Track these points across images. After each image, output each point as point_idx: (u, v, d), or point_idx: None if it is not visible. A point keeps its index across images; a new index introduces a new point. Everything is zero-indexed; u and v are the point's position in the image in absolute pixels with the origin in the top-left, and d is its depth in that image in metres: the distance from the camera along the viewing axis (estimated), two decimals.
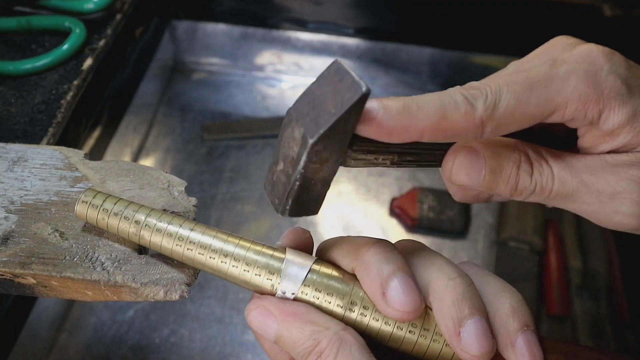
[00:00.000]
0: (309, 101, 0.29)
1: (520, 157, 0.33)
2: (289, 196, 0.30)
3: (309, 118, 0.28)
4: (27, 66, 0.56)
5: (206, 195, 0.85)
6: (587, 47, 0.32)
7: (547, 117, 0.31)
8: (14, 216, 0.37)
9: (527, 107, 0.30)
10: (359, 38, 0.93)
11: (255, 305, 0.32)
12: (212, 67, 1.00)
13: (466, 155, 0.32)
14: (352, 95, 0.27)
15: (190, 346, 0.71)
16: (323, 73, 0.29)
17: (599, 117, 0.31)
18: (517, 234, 0.78)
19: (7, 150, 0.41)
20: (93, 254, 0.35)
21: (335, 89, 0.28)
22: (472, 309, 0.30)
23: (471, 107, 0.29)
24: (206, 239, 0.33)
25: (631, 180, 0.31)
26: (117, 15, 0.63)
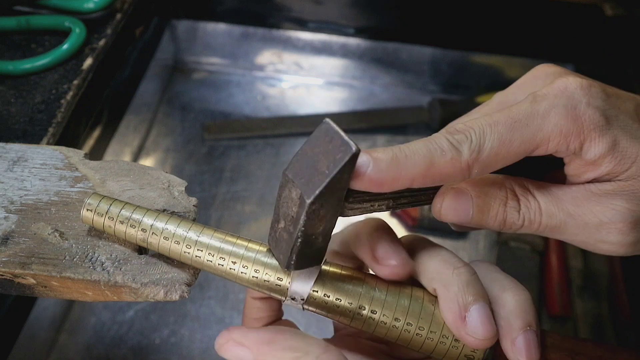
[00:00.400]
0: (303, 162, 0.30)
1: (507, 194, 0.34)
2: (292, 252, 0.31)
3: (304, 179, 0.30)
4: (27, 66, 0.56)
5: (206, 195, 0.85)
6: (565, 81, 0.33)
7: (532, 152, 0.32)
8: (14, 216, 0.37)
9: (511, 146, 0.31)
10: (360, 37, 0.93)
11: (225, 339, 0.32)
12: (213, 66, 1.00)
13: (453, 196, 0.34)
14: (343, 156, 0.28)
15: (191, 347, 0.71)
16: (314, 134, 0.31)
17: (581, 148, 0.32)
18: (518, 234, 0.78)
19: (7, 150, 0.41)
20: (93, 254, 0.35)
21: (327, 150, 0.29)
22: (477, 295, 0.32)
23: (457, 153, 0.31)
24: (214, 242, 0.33)
25: (616, 211, 0.32)
26: (117, 14, 0.63)
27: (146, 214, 0.34)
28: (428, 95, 0.96)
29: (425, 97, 0.95)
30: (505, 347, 0.32)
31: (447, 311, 0.32)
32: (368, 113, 0.93)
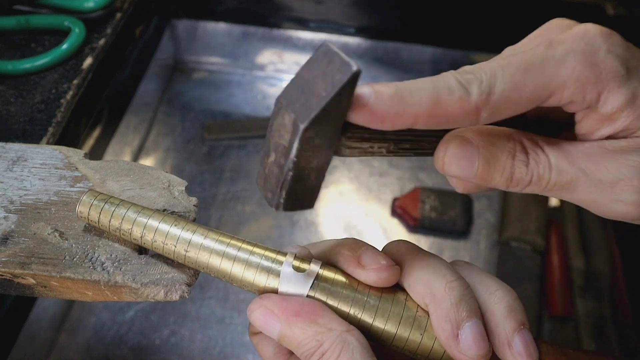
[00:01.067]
0: (298, 86, 0.28)
1: (515, 146, 0.31)
2: (282, 188, 0.29)
3: (299, 103, 0.27)
4: (27, 65, 0.56)
5: (207, 195, 0.85)
6: (584, 26, 0.30)
7: (545, 100, 0.30)
8: (14, 216, 0.37)
9: (524, 91, 0.29)
10: (360, 37, 0.93)
11: (258, 305, 0.32)
12: (213, 66, 1.00)
13: (458, 145, 0.31)
14: (343, 76, 0.26)
15: (191, 347, 0.71)
16: (312, 57, 0.28)
17: (598, 99, 0.30)
18: (519, 234, 0.78)
19: (7, 150, 0.41)
20: (93, 254, 0.35)
21: (325, 72, 0.27)
22: (470, 312, 0.30)
23: (465, 93, 0.28)
24: (208, 242, 0.33)
25: (632, 167, 0.30)
26: (117, 14, 0.63)
27: (141, 212, 0.34)
28: None
29: None
30: (503, 352, 0.31)
31: (439, 329, 0.31)
32: None
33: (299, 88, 0.28)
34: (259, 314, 0.31)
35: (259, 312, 0.31)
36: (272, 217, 0.83)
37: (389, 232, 0.83)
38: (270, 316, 0.31)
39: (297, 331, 0.30)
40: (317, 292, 0.32)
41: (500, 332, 0.31)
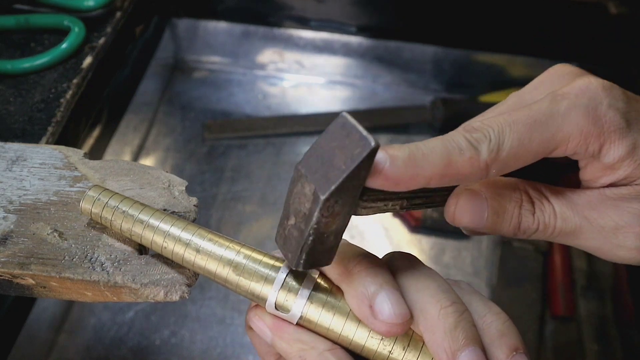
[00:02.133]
0: (317, 157, 0.29)
1: (521, 196, 0.33)
2: (302, 251, 0.30)
3: (319, 174, 0.29)
4: (26, 65, 0.56)
5: (207, 194, 0.85)
6: (586, 80, 0.32)
7: (550, 152, 0.31)
8: (13, 216, 0.37)
9: (530, 146, 0.31)
10: (362, 36, 0.93)
11: (253, 313, 0.34)
12: (213, 65, 1.00)
13: (468, 198, 0.33)
14: (362, 151, 0.27)
15: (191, 348, 0.71)
16: (330, 127, 0.29)
17: (600, 150, 0.31)
18: None
19: (6, 150, 0.41)
20: (93, 254, 0.35)
21: (344, 144, 0.28)
22: (467, 339, 0.30)
23: (476, 152, 0.30)
24: (207, 245, 0.33)
25: (633, 214, 0.32)
26: (117, 13, 0.63)
27: (143, 210, 0.34)
28: (430, 95, 0.95)
29: (428, 96, 0.95)
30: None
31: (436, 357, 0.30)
32: (370, 112, 0.93)
33: (318, 158, 0.29)
34: (255, 321, 0.33)
35: (255, 319, 0.33)
36: (272, 217, 0.83)
37: (390, 232, 0.83)
38: (263, 326, 0.33)
39: (284, 344, 0.32)
40: (313, 303, 0.32)
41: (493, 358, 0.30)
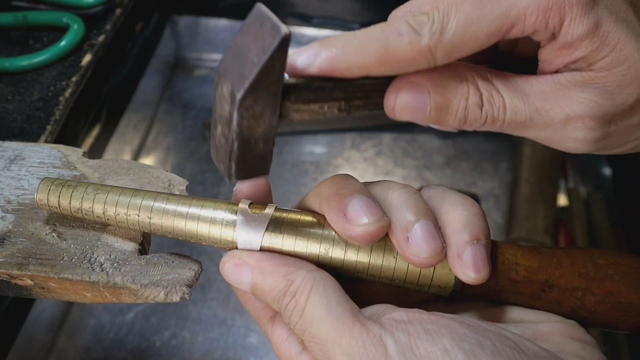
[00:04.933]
0: (233, 54, 0.28)
1: (468, 88, 0.31)
2: (231, 159, 0.29)
3: (235, 72, 0.27)
4: (24, 62, 0.55)
5: (208, 194, 0.85)
6: None
7: (506, 32, 0.29)
8: (11, 216, 0.37)
9: (480, 26, 0.29)
10: None
11: (229, 257, 0.32)
12: (214, 63, 1.00)
13: (409, 91, 0.31)
14: (273, 40, 0.26)
15: (192, 349, 0.71)
16: (245, 21, 0.28)
17: (561, 27, 0.29)
18: (527, 234, 0.77)
19: (4, 149, 0.41)
20: (92, 255, 0.35)
21: (257, 37, 0.27)
22: (417, 214, 0.30)
23: (416, 36, 0.28)
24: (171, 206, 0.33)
25: (583, 104, 0.30)
26: (117, 10, 0.62)
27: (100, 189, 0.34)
28: None
29: None
30: (453, 264, 0.30)
31: (392, 237, 0.31)
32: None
33: (234, 56, 0.28)
34: (230, 265, 0.32)
35: (230, 263, 0.32)
36: None
37: None
38: (241, 266, 0.31)
39: (268, 275, 0.31)
40: (285, 232, 0.32)
41: (453, 244, 0.30)
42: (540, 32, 0.30)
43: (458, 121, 0.31)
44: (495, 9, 0.29)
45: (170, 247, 0.41)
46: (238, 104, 0.27)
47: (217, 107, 0.29)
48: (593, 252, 0.33)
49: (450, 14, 0.29)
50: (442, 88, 0.31)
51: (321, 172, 0.87)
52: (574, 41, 0.29)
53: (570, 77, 0.31)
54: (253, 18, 0.28)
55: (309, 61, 0.29)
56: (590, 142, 0.31)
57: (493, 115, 0.31)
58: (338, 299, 0.29)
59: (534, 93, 0.31)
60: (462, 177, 0.87)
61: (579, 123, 0.30)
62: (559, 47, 0.30)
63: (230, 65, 0.28)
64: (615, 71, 0.30)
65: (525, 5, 0.29)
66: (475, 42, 0.29)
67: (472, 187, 0.86)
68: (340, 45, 0.29)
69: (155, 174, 0.39)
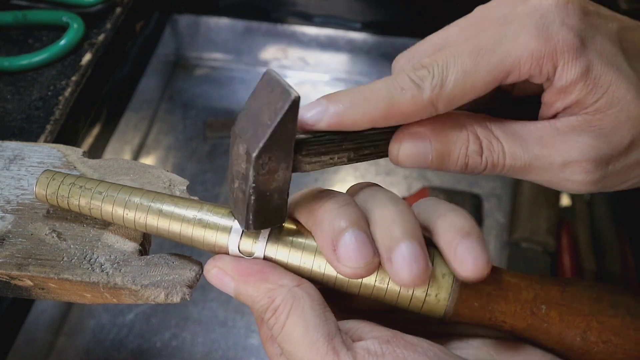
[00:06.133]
0: (247, 116, 0.30)
1: (468, 137, 0.32)
2: (248, 211, 0.31)
3: (249, 133, 0.30)
4: (24, 62, 0.55)
5: (209, 194, 0.85)
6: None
7: (503, 79, 0.31)
8: (10, 216, 0.37)
9: (478, 76, 0.30)
10: (367, 32, 0.93)
11: (212, 265, 0.33)
12: (215, 62, 1.00)
13: (411, 141, 0.32)
14: (284, 104, 0.28)
15: (193, 350, 0.71)
16: (257, 86, 0.30)
17: (554, 72, 0.31)
18: (529, 235, 0.77)
19: (3, 148, 0.41)
20: (92, 255, 0.35)
21: (269, 101, 0.29)
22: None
23: (418, 90, 0.30)
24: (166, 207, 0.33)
25: (581, 149, 0.31)
26: (117, 8, 0.62)
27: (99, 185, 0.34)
28: None
29: None
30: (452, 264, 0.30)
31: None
32: None
33: (248, 118, 0.30)
34: (214, 273, 0.32)
35: (214, 271, 0.32)
36: None
37: None
38: (224, 275, 0.32)
39: (250, 289, 0.31)
40: (280, 244, 0.32)
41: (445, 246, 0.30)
42: (536, 77, 0.31)
43: (459, 167, 0.33)
44: (491, 59, 0.30)
45: (170, 248, 0.41)
46: (254, 161, 0.29)
47: (233, 164, 0.31)
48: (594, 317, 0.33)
49: (449, 67, 0.30)
50: (443, 137, 0.32)
51: (322, 172, 0.87)
52: (568, 85, 0.31)
53: (566, 122, 0.32)
54: (264, 82, 0.30)
55: (318, 117, 0.31)
56: (589, 184, 0.32)
57: (493, 161, 0.32)
58: (316, 322, 0.30)
59: (532, 139, 0.32)
60: (464, 177, 0.87)
61: (577, 167, 0.32)
62: (556, 92, 0.32)
63: (244, 127, 0.30)
64: (609, 113, 0.31)
65: (519, 54, 0.30)
66: (474, 91, 0.31)
67: (475, 187, 0.86)
68: (347, 102, 0.30)
69: (155, 174, 0.39)
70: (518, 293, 0.32)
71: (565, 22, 0.30)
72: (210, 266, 0.33)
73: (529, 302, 0.32)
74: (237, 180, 0.31)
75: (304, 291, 0.31)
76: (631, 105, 0.31)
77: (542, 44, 0.30)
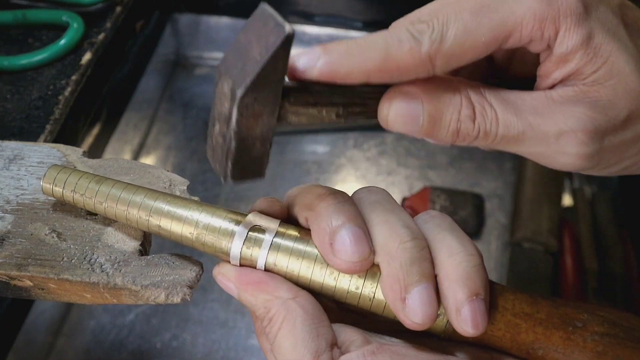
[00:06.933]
0: (236, 51, 0.28)
1: (461, 101, 0.31)
2: (227, 158, 0.29)
3: (236, 69, 0.27)
4: (24, 61, 0.55)
5: (209, 194, 0.84)
6: None
7: (504, 40, 0.30)
8: (10, 216, 0.37)
9: (478, 35, 0.29)
10: (368, 31, 0.92)
11: (217, 272, 0.34)
12: (216, 61, 1.00)
13: (403, 101, 0.31)
14: (276, 39, 0.26)
15: (193, 351, 0.71)
16: (248, 20, 0.28)
17: (556, 37, 0.30)
18: (531, 235, 0.77)
19: (3, 148, 0.41)
20: (92, 256, 0.35)
21: (260, 35, 0.27)
22: (421, 276, 0.30)
23: (416, 43, 0.29)
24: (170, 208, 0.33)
25: (576, 118, 0.30)
26: (117, 8, 0.62)
27: (104, 182, 0.35)
28: None
29: None
30: (451, 317, 0.31)
31: (388, 289, 0.31)
32: None
33: (237, 53, 0.28)
34: (220, 278, 0.33)
35: (219, 277, 0.33)
36: None
37: None
38: (228, 281, 0.33)
39: (250, 297, 0.32)
40: (280, 252, 0.32)
41: (451, 298, 0.30)
42: (536, 42, 0.30)
43: (451, 134, 0.32)
44: (493, 18, 0.29)
45: (171, 248, 0.41)
46: (239, 100, 0.27)
47: (216, 104, 0.29)
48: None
49: (450, 23, 0.29)
50: (436, 99, 0.31)
51: (323, 172, 0.87)
52: (568, 52, 0.30)
53: (563, 92, 0.31)
54: (257, 17, 0.28)
55: (310, 64, 0.29)
56: (583, 158, 0.31)
57: (485, 129, 0.31)
58: (304, 338, 0.30)
59: (527, 108, 0.31)
60: (465, 177, 0.86)
61: (572, 137, 0.31)
62: (555, 60, 0.31)
63: (232, 63, 0.28)
64: (607, 84, 0.30)
65: (522, 14, 0.29)
66: (474, 50, 0.30)
67: (476, 187, 0.86)
68: (342, 50, 0.29)
69: (155, 174, 0.39)
70: (517, 335, 0.32)
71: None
72: (216, 272, 0.34)
73: (526, 344, 0.32)
74: (218, 123, 0.29)
75: (298, 304, 0.31)
76: (629, 78, 0.30)
77: (546, 6, 0.29)
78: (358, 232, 0.30)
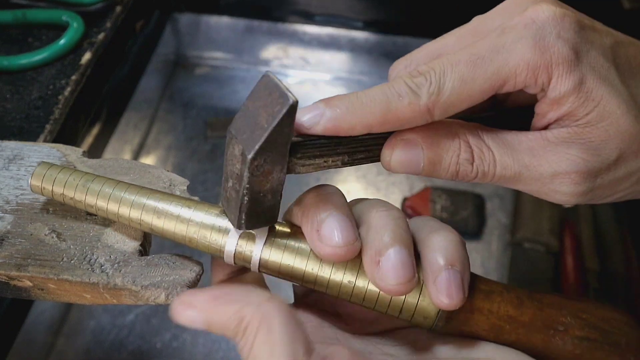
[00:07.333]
0: (245, 118, 0.31)
1: (460, 145, 0.33)
2: (241, 211, 0.31)
3: (245, 134, 0.30)
4: (23, 61, 0.55)
5: (209, 194, 0.85)
6: (538, 9, 0.32)
7: (499, 88, 0.32)
8: (10, 216, 0.37)
9: (474, 84, 0.31)
10: (368, 31, 0.94)
11: (177, 303, 0.32)
12: (216, 61, 1.00)
13: (403, 148, 0.33)
14: (281, 108, 0.29)
15: (193, 351, 0.71)
16: (254, 88, 0.31)
17: (549, 83, 0.32)
18: (532, 235, 0.77)
19: (3, 148, 0.41)
20: (92, 256, 0.35)
21: (266, 103, 0.30)
22: (393, 239, 0.31)
23: (415, 97, 0.31)
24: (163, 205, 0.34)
25: (570, 160, 0.32)
26: (117, 7, 0.62)
27: (95, 179, 0.34)
28: None
29: None
30: (429, 288, 0.31)
31: (367, 258, 0.31)
32: None
33: (246, 119, 0.30)
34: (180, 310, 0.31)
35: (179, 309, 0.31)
36: None
37: None
38: (190, 311, 0.31)
39: (220, 313, 0.30)
40: (273, 248, 0.33)
41: (428, 268, 0.31)
42: (531, 88, 0.32)
43: (450, 175, 0.34)
44: (488, 69, 0.31)
45: (171, 248, 0.41)
46: (249, 163, 0.29)
47: (228, 163, 0.32)
48: None
49: (446, 75, 0.31)
50: (435, 145, 0.33)
51: (324, 173, 0.87)
52: (561, 97, 0.32)
53: (557, 133, 0.33)
54: (263, 85, 0.30)
55: (314, 120, 0.31)
56: (577, 196, 0.33)
57: (484, 170, 0.33)
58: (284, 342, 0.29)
59: (523, 149, 0.33)
60: None
61: (566, 178, 0.32)
62: (550, 103, 0.32)
63: (241, 128, 0.30)
64: (599, 126, 0.32)
65: (515, 64, 0.31)
66: (471, 99, 0.31)
67: (477, 187, 0.86)
68: (344, 106, 0.31)
69: (155, 174, 0.39)
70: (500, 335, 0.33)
71: (561, 35, 0.31)
72: (175, 304, 0.31)
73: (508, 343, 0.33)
74: (231, 179, 0.31)
75: (273, 307, 0.30)
76: (621, 120, 0.32)
77: (539, 55, 0.31)
78: (343, 219, 0.31)
